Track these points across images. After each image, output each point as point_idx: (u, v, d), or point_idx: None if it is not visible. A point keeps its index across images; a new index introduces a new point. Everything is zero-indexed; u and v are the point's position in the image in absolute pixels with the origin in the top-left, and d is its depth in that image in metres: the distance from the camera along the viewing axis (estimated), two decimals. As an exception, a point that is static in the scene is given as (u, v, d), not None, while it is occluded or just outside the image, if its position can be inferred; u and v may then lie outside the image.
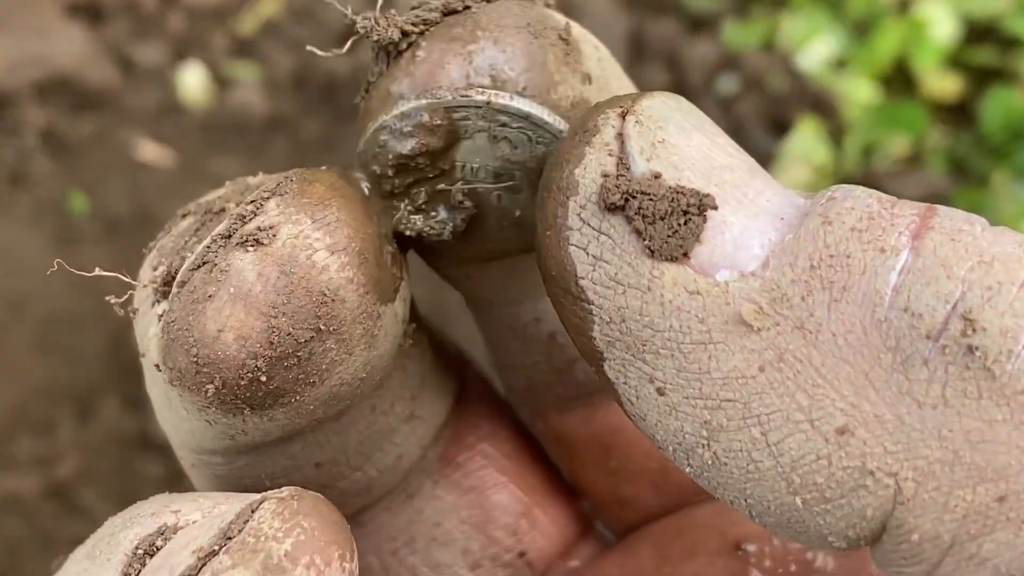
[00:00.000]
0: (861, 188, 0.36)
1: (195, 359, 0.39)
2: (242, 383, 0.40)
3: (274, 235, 0.40)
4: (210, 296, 0.39)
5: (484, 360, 0.58)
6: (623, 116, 0.38)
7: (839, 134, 2.07)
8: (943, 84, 2.11)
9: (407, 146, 0.44)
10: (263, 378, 0.40)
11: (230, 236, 0.40)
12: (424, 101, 0.44)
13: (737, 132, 2.07)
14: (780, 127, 2.09)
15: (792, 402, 0.34)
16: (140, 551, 0.38)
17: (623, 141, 0.37)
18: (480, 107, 0.44)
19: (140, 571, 0.38)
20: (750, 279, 0.35)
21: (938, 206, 0.35)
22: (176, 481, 1.91)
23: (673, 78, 2.14)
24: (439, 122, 0.44)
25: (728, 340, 0.35)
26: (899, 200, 0.36)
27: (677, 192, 0.36)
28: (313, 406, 0.42)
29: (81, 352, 1.99)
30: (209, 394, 0.40)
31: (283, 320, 0.39)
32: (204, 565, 0.36)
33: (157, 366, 0.42)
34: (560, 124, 0.44)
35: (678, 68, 2.16)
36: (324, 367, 0.41)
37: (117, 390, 1.98)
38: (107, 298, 0.46)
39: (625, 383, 0.38)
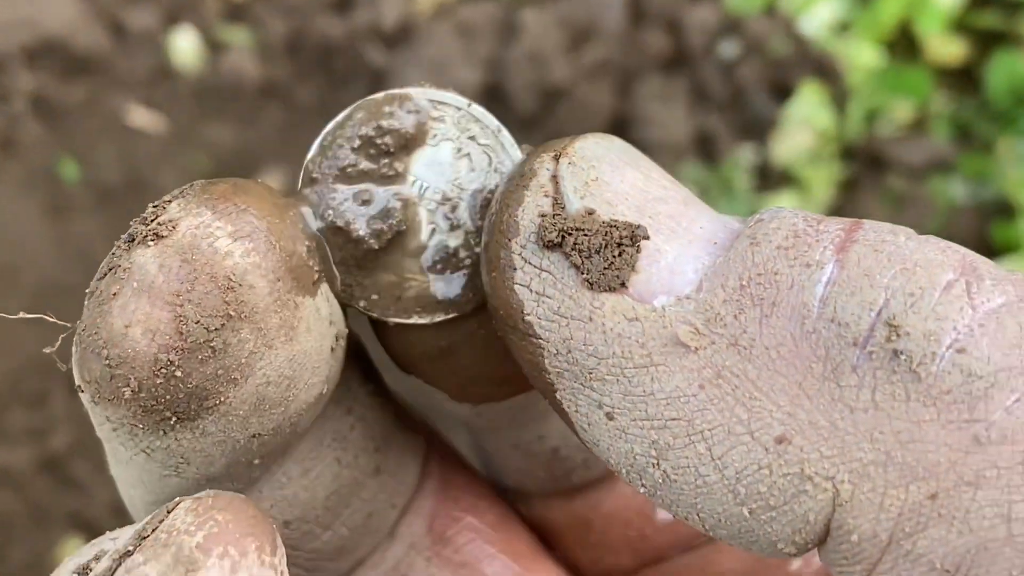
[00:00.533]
0: (788, 209, 0.38)
1: (107, 362, 0.39)
2: (158, 381, 0.39)
3: (174, 227, 0.39)
4: (114, 294, 0.39)
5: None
6: (556, 159, 0.39)
7: (842, 99, 2.04)
8: (947, 48, 2.09)
9: (382, 122, 0.45)
10: (178, 373, 0.39)
11: (132, 239, 0.40)
12: (414, 88, 0.46)
13: (738, 97, 2.04)
14: (782, 92, 2.06)
15: (732, 416, 0.35)
16: None
17: (557, 182, 0.39)
18: (460, 109, 0.46)
19: None
20: (685, 302, 0.36)
21: (865, 221, 0.36)
22: None
23: (673, 42, 2.12)
24: (417, 111, 0.46)
25: (668, 361, 0.36)
26: (825, 217, 0.37)
27: (610, 226, 0.38)
28: (244, 411, 0.41)
29: (73, 323, 1.92)
30: (127, 398, 0.39)
31: (190, 308, 0.39)
32: (119, 566, 0.36)
33: (79, 387, 0.41)
34: (519, 155, 0.45)
35: (678, 32, 2.13)
36: (243, 359, 0.40)
37: None
38: (44, 350, 0.45)
39: (576, 411, 0.39)
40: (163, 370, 0.39)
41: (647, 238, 0.38)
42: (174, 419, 0.40)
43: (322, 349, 0.44)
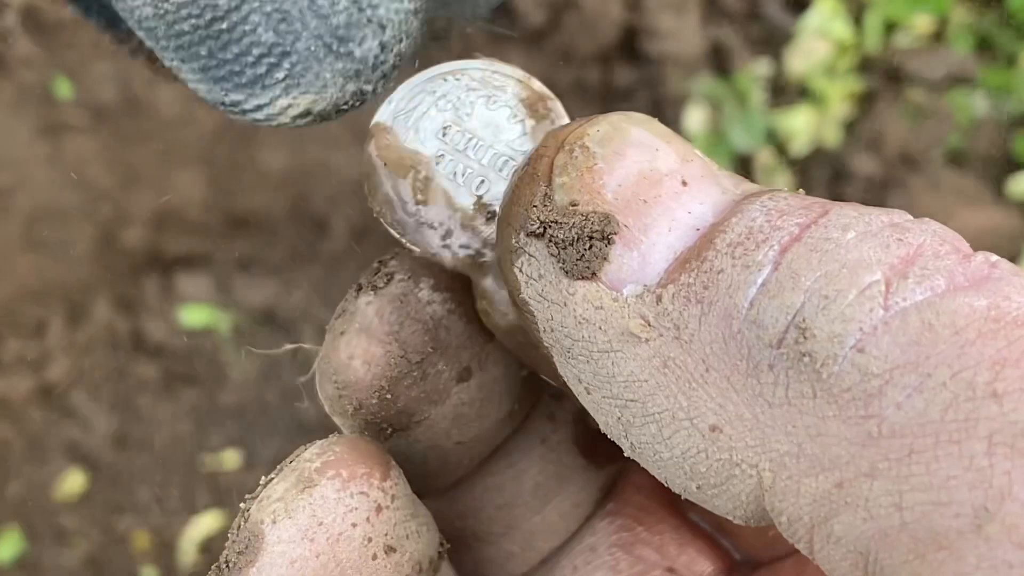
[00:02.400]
0: (763, 200, 0.38)
1: (336, 385, 0.49)
2: (373, 402, 0.48)
3: (388, 280, 0.49)
4: (342, 332, 0.49)
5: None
6: (559, 147, 0.42)
7: (859, 11, 2.00)
8: (968, -42, 2.04)
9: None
10: (388, 396, 0.48)
11: (360, 288, 0.49)
12: (475, 62, 0.51)
13: (753, 9, 2.00)
14: (798, 3, 2.01)
15: (675, 403, 0.38)
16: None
17: (551, 173, 0.41)
18: (520, 81, 0.50)
19: None
20: (647, 293, 0.38)
21: (834, 209, 0.37)
22: (170, 386, 1.94)
23: (684, -45, 2.07)
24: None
25: (624, 349, 0.39)
26: (795, 208, 0.37)
27: (585, 219, 0.39)
28: (445, 426, 0.50)
29: (70, 249, 1.97)
30: (351, 413, 0.49)
31: (398, 346, 0.48)
32: (263, 488, 0.44)
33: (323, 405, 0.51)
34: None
35: (689, -56, 2.08)
36: (441, 386, 0.49)
37: (109, 290, 1.97)
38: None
39: (568, 382, 0.42)
40: (377, 393, 0.48)
41: (616, 233, 0.39)
42: (390, 430, 0.49)
43: (511, 375, 0.51)
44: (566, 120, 0.49)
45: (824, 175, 1.86)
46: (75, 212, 1.98)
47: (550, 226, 0.40)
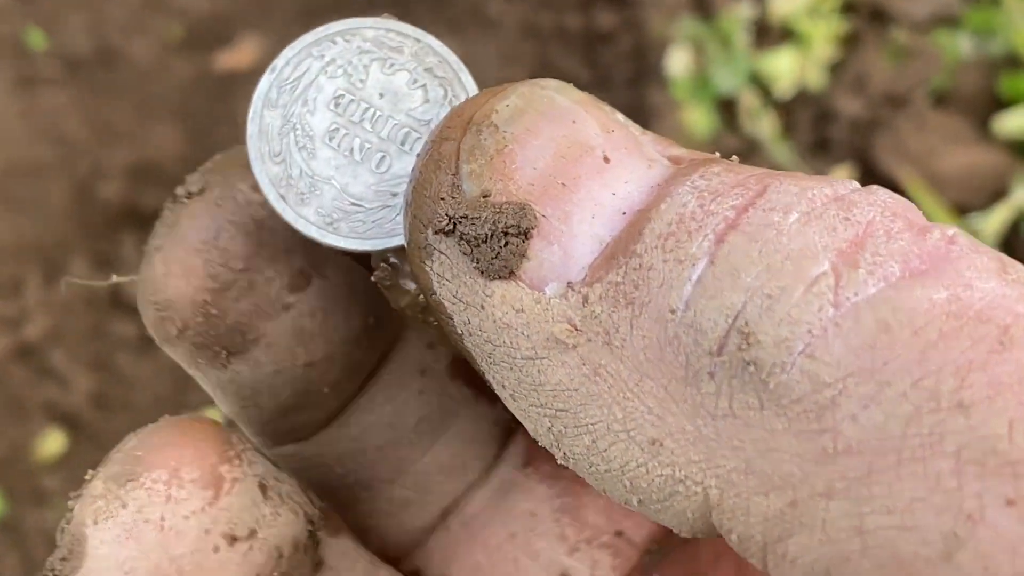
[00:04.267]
0: (693, 179, 0.36)
1: (156, 305, 0.45)
2: (199, 320, 0.45)
3: (203, 188, 0.45)
4: (158, 248, 0.45)
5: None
6: (465, 128, 0.39)
7: (841, -49, 1.97)
8: None
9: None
10: (215, 311, 0.45)
11: (175, 198, 0.46)
12: (371, 20, 0.47)
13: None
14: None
15: (610, 414, 0.35)
16: None
17: (458, 159, 0.38)
18: (419, 41, 0.47)
19: None
20: (570, 293, 0.36)
21: (772, 184, 0.35)
22: (149, 344, 1.88)
23: None
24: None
25: (551, 356, 0.36)
26: (730, 187, 0.35)
27: (499, 213, 0.37)
28: (287, 342, 0.47)
29: (46, 206, 1.95)
30: (176, 336, 0.45)
31: (217, 253, 0.45)
32: (86, 486, 0.41)
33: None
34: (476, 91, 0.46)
35: None
36: (272, 296, 0.46)
37: (85, 248, 1.95)
38: None
39: (491, 385, 0.39)
40: (201, 309, 0.45)
41: (534, 227, 0.37)
42: (225, 353, 0.46)
43: (358, 281, 0.48)
44: (472, 84, 0.46)
45: (809, 117, 1.84)
46: (50, 167, 1.97)
47: (460, 222, 0.38)
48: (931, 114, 1.80)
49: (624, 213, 0.36)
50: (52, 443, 1.84)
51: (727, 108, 1.86)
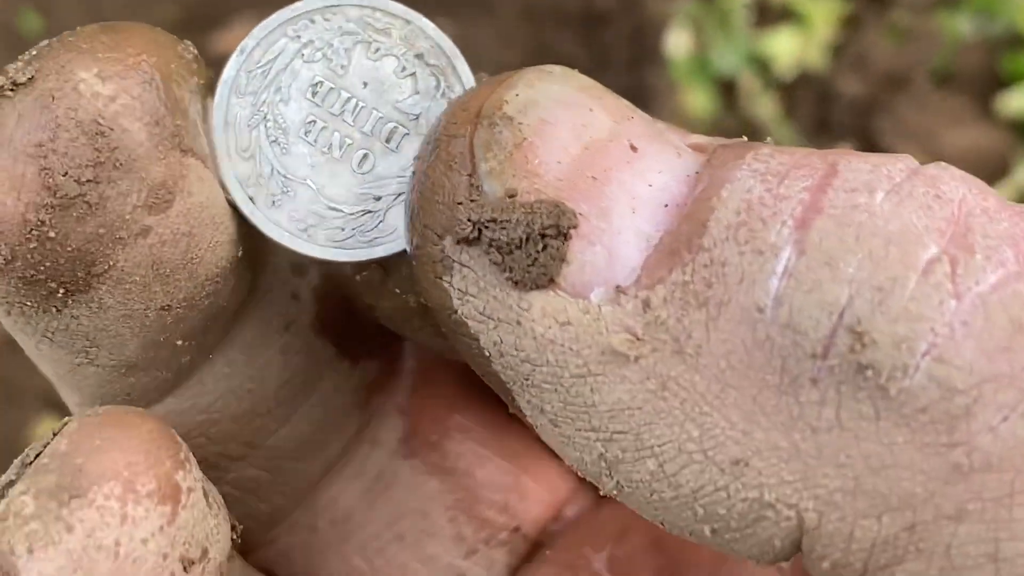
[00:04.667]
0: (748, 162, 0.33)
1: None
2: (32, 246, 0.36)
3: (32, 76, 0.37)
4: None
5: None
6: (475, 122, 0.35)
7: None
8: None
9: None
10: (52, 234, 0.36)
11: None
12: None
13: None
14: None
15: (683, 432, 0.32)
16: None
17: (474, 155, 0.35)
18: (409, 22, 0.42)
19: None
20: (624, 299, 0.33)
21: (841, 162, 0.32)
22: None
23: None
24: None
25: (607, 372, 0.33)
26: (793, 168, 0.32)
27: (532, 213, 0.33)
28: (141, 277, 0.38)
29: None
30: (1, 268, 0.36)
31: (55, 159, 0.36)
32: (2, 497, 0.34)
33: None
34: (471, 83, 0.42)
35: None
36: (127, 215, 0.37)
37: None
38: None
39: (523, 411, 0.36)
40: (35, 232, 0.36)
41: (575, 226, 0.33)
42: (62, 291, 0.37)
43: (223, 201, 0.40)
44: (468, 74, 0.41)
45: (810, 98, 1.83)
46: None
47: (488, 227, 0.34)
48: (932, 94, 1.79)
49: (666, 206, 0.34)
50: (47, 430, 1.81)
51: (727, 89, 1.85)
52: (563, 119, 0.35)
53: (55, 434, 0.35)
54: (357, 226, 0.41)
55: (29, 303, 0.37)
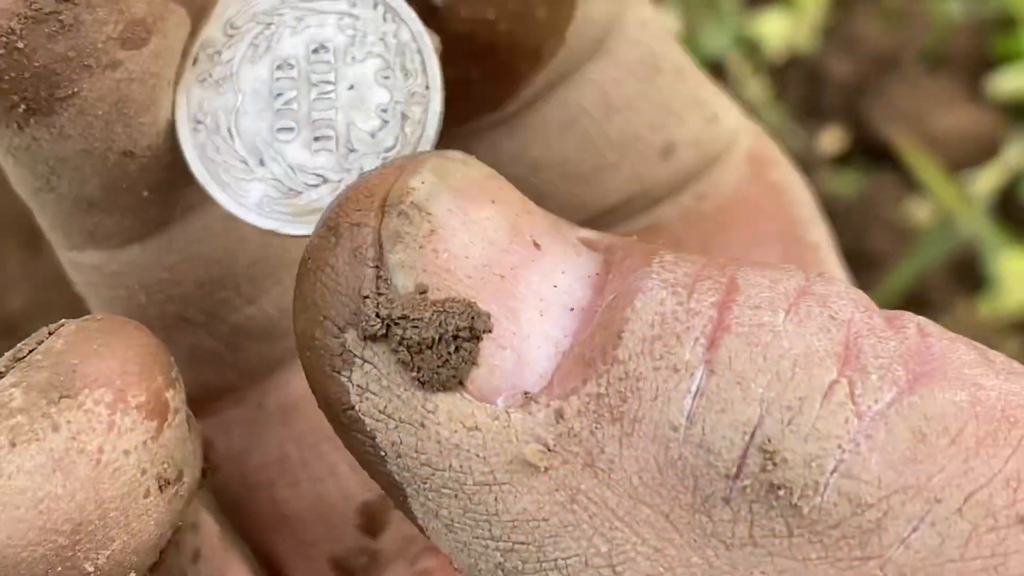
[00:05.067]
0: (655, 270, 0.32)
1: None
2: (0, 53, 0.35)
3: None
4: None
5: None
6: (381, 210, 0.34)
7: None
8: None
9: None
10: (21, 45, 0.35)
11: None
12: None
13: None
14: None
15: (590, 547, 0.31)
16: None
17: (381, 248, 0.33)
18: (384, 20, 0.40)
19: None
20: (535, 407, 0.32)
21: (739, 276, 0.32)
22: None
23: None
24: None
25: (515, 481, 0.32)
26: (698, 280, 0.32)
27: (445, 313, 0.32)
28: (104, 112, 0.37)
29: None
30: None
31: None
32: None
33: None
34: (434, 127, 0.40)
35: None
36: (100, 44, 0.36)
37: None
38: None
39: (414, 513, 0.34)
40: (3, 39, 0.35)
41: (489, 330, 0.32)
42: (23, 107, 0.36)
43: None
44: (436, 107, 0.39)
45: (799, 79, 1.82)
46: None
47: (398, 324, 0.33)
48: (923, 76, 1.78)
49: (572, 309, 0.33)
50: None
51: (716, 71, 1.84)
52: (469, 211, 0.34)
53: (50, 333, 0.35)
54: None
55: None
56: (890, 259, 1.60)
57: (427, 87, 0.39)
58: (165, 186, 0.41)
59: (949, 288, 1.61)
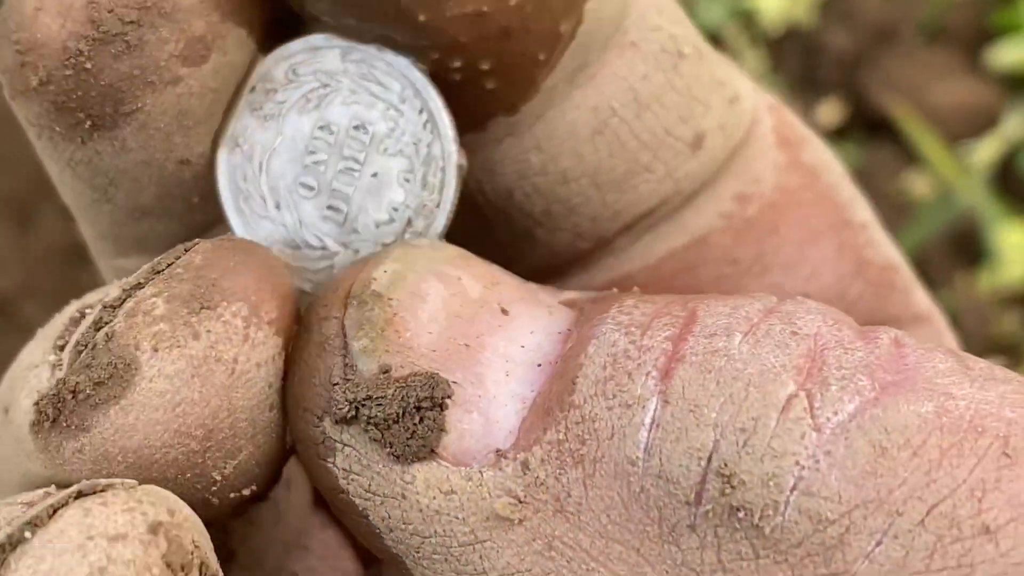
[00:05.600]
0: (613, 315, 0.34)
1: (17, 47, 0.37)
2: (67, 73, 0.37)
3: None
4: None
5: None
6: (344, 303, 0.36)
7: None
8: None
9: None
10: (89, 66, 0.37)
11: None
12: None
13: None
14: None
15: None
16: (76, 315, 0.37)
17: (345, 336, 0.35)
18: (422, 111, 0.41)
19: (72, 333, 0.36)
20: (504, 462, 0.33)
21: (700, 308, 0.33)
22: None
23: None
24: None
25: (494, 537, 0.33)
26: (655, 317, 0.33)
27: (406, 387, 0.34)
28: (165, 124, 0.39)
29: (15, 157, 1.90)
30: (35, 87, 0.38)
31: None
32: (128, 297, 0.35)
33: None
34: (441, 224, 0.41)
35: None
36: (162, 62, 0.38)
37: (55, 199, 1.86)
38: None
39: None
40: (72, 60, 0.37)
41: (450, 397, 0.34)
42: (89, 123, 0.38)
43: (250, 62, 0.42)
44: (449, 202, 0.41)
45: (796, 52, 1.82)
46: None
47: (363, 405, 0.34)
48: (921, 48, 1.78)
49: (539, 365, 0.34)
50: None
51: (713, 43, 1.82)
52: (432, 290, 0.35)
53: (186, 250, 0.36)
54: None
55: (58, 128, 0.38)
56: (888, 232, 1.60)
57: (437, 206, 0.41)
58: (213, 191, 0.42)
59: (948, 261, 1.60)
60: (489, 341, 0.35)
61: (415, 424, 0.33)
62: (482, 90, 0.40)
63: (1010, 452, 0.29)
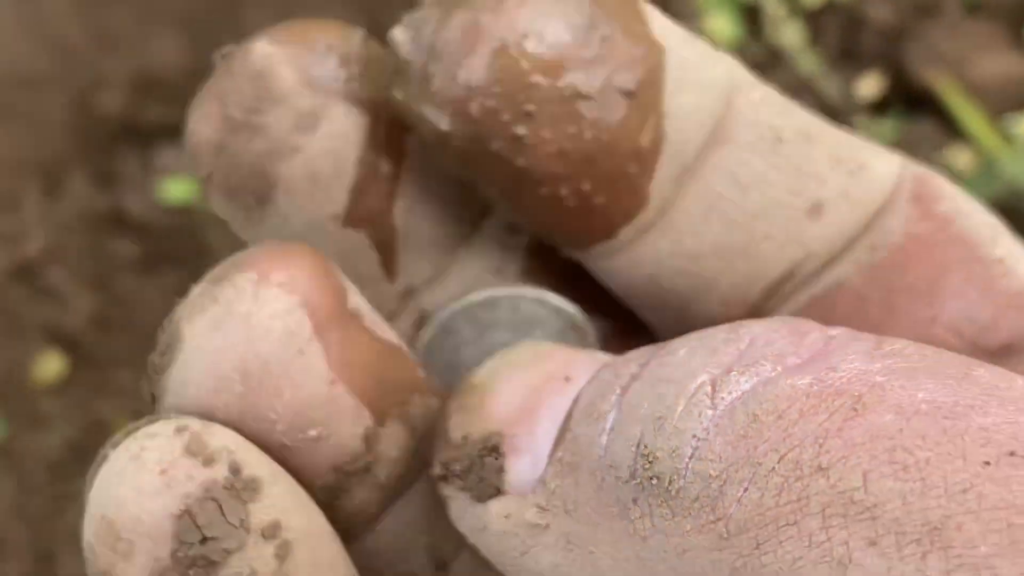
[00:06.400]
0: (616, 358, 0.39)
1: (190, 154, 0.45)
2: (221, 161, 0.45)
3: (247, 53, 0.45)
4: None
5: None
6: (456, 395, 0.43)
7: None
8: None
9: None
10: (231, 151, 0.44)
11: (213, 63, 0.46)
12: None
13: None
14: None
15: (594, 572, 0.38)
16: None
17: (447, 417, 0.42)
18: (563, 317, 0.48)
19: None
20: (539, 483, 0.39)
21: (681, 339, 0.38)
22: (151, 265, 1.93)
23: None
24: None
25: (536, 542, 0.39)
26: (645, 351, 0.38)
27: (473, 444, 0.41)
28: (305, 187, 0.45)
29: (45, 118, 1.93)
30: (204, 178, 0.45)
31: (232, 97, 0.44)
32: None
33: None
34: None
35: None
36: (282, 137, 0.45)
37: (86, 162, 1.93)
38: None
39: None
40: (219, 149, 0.44)
41: (501, 443, 0.40)
42: (253, 199, 0.45)
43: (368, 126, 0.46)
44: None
45: (836, 25, 1.81)
46: (49, 78, 1.94)
47: (449, 464, 0.41)
48: (964, 21, 1.77)
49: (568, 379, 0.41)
50: (50, 365, 1.84)
51: (752, 16, 1.82)
52: (518, 375, 0.42)
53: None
54: None
55: (239, 211, 0.46)
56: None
57: None
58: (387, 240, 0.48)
59: (989, 238, 1.59)
60: (547, 401, 0.40)
61: (481, 472, 0.40)
62: (594, 206, 0.45)
63: (858, 407, 0.33)
